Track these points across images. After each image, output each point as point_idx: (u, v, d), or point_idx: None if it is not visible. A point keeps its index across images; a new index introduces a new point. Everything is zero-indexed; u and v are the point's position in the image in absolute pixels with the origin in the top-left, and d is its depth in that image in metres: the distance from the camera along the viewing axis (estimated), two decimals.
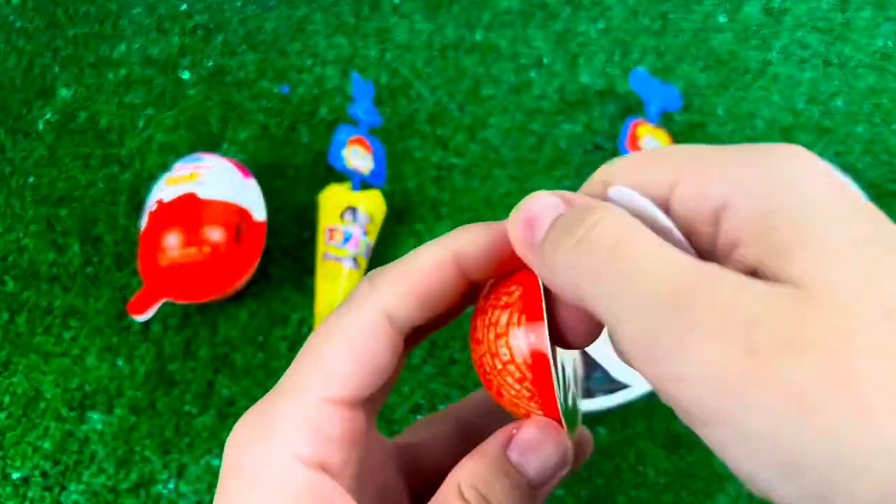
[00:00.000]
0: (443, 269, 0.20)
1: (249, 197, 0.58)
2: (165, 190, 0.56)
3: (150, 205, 0.56)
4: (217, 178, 0.57)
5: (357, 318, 0.20)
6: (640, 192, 0.18)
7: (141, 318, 0.55)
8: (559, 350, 0.21)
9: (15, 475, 0.54)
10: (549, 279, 0.18)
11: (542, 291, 0.19)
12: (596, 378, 0.52)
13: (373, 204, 0.59)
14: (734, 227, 0.16)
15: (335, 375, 0.19)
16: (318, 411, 0.19)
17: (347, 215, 0.58)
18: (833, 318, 0.13)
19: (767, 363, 0.13)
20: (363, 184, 0.59)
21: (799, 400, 0.13)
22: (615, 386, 0.52)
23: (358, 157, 0.60)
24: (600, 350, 0.51)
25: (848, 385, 0.13)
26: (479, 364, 0.21)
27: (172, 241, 0.54)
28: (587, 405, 0.52)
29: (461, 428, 0.25)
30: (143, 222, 0.56)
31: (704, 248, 0.17)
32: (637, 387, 0.52)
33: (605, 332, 0.18)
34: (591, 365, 0.52)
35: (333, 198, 0.59)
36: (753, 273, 0.15)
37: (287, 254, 0.61)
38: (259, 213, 0.58)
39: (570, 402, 0.22)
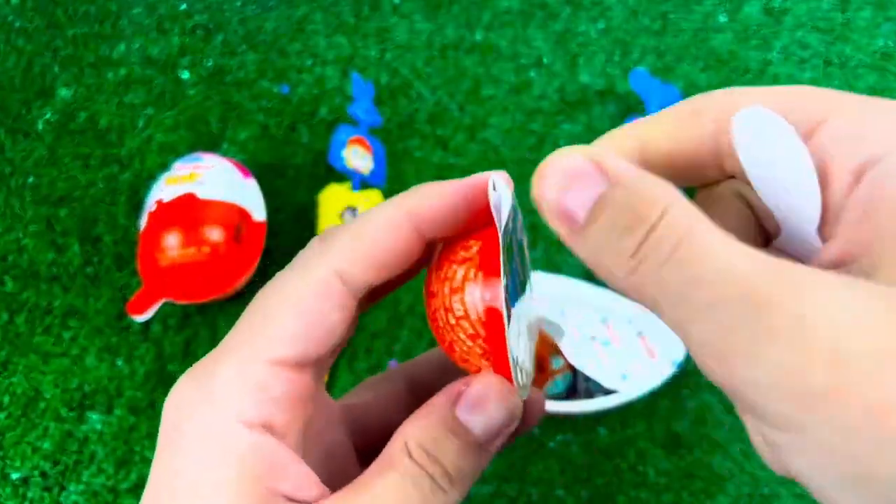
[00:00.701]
0: (398, 229, 0.20)
1: (249, 197, 0.58)
2: (165, 190, 0.56)
3: (150, 205, 0.56)
4: (217, 178, 0.57)
5: (306, 277, 0.19)
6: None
7: (141, 318, 0.55)
8: (519, 304, 0.20)
9: (14, 475, 0.54)
10: (595, 268, 0.16)
11: (500, 248, 0.19)
12: (594, 380, 0.52)
13: (373, 204, 0.59)
14: (866, 193, 0.14)
15: (282, 336, 0.18)
16: (263, 373, 0.18)
17: (347, 215, 0.58)
18: None
19: (850, 374, 0.12)
20: (363, 184, 0.59)
21: (880, 414, 0.12)
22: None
23: (358, 157, 0.60)
24: (587, 363, 0.50)
25: None
26: (432, 318, 0.20)
27: (172, 241, 0.54)
28: (587, 406, 0.52)
29: (412, 387, 0.25)
30: (143, 222, 0.56)
31: (833, 202, 0.15)
32: (629, 392, 0.52)
33: (592, 345, 0.18)
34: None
35: (333, 198, 0.59)
36: (847, 256, 0.14)
37: (287, 254, 0.61)
38: (259, 213, 0.58)
39: (523, 360, 0.21)
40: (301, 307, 0.19)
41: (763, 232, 0.18)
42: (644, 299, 0.15)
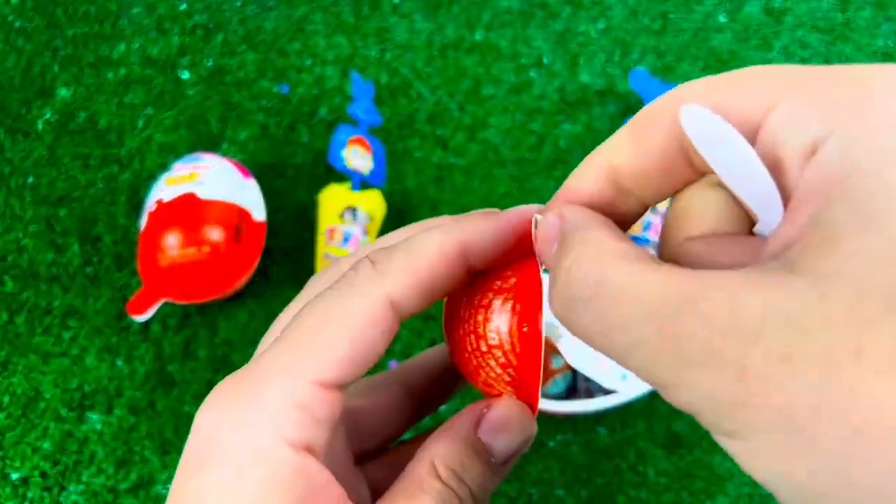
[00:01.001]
0: (449, 259, 0.19)
1: (249, 197, 0.58)
2: (165, 190, 0.56)
3: (150, 205, 0.56)
4: (217, 178, 0.57)
5: (361, 305, 0.19)
6: (724, 115, 0.15)
7: (140, 318, 0.55)
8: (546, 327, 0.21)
9: (14, 475, 0.54)
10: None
11: (541, 282, 0.19)
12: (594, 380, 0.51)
13: (373, 204, 0.59)
14: (809, 177, 0.14)
15: (331, 359, 0.18)
16: (309, 394, 0.18)
17: (347, 215, 0.58)
18: (843, 329, 0.12)
19: (756, 386, 0.12)
20: (363, 184, 0.59)
21: (788, 422, 0.12)
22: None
23: (358, 157, 0.60)
24: (586, 364, 0.50)
25: (844, 408, 0.12)
26: (458, 341, 0.21)
27: (172, 241, 0.54)
28: (587, 406, 0.52)
29: (409, 390, 0.25)
30: (143, 222, 0.56)
31: (790, 188, 0.15)
32: (628, 392, 0.52)
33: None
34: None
35: (333, 198, 0.59)
36: (789, 242, 0.13)
37: (287, 254, 0.61)
38: (259, 213, 0.58)
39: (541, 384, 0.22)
40: (354, 333, 0.19)
41: (749, 218, 0.18)
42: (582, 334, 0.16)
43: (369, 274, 0.19)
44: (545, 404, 0.50)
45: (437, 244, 0.19)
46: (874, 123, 0.13)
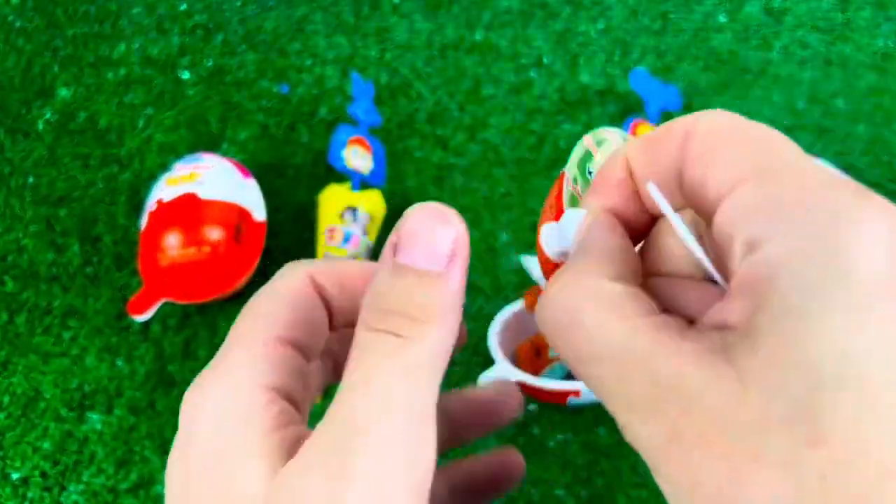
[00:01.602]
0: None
1: (249, 197, 0.58)
2: (165, 190, 0.56)
3: (150, 205, 0.56)
4: (217, 178, 0.57)
5: (285, 281, 0.21)
6: (696, 183, 0.17)
7: (140, 318, 0.55)
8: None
9: (14, 475, 0.54)
10: None
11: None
12: None
13: (373, 204, 0.59)
14: (745, 273, 0.15)
15: (277, 320, 0.20)
16: (273, 348, 0.19)
17: (347, 215, 0.58)
18: (751, 432, 0.13)
19: (678, 454, 0.14)
20: (363, 184, 0.59)
21: (696, 497, 0.14)
22: None
23: (358, 157, 0.60)
24: None
25: (736, 498, 0.13)
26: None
27: (172, 241, 0.54)
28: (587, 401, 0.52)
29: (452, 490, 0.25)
30: (143, 222, 0.56)
31: (734, 269, 0.16)
32: None
33: None
34: None
35: (333, 198, 0.59)
36: (726, 323, 0.15)
37: (287, 254, 0.61)
38: (259, 213, 0.58)
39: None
40: (285, 299, 0.20)
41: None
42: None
43: (287, 266, 0.22)
44: (547, 382, 0.50)
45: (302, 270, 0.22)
46: (814, 240, 0.14)
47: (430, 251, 0.18)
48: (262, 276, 0.59)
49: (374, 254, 0.60)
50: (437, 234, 0.18)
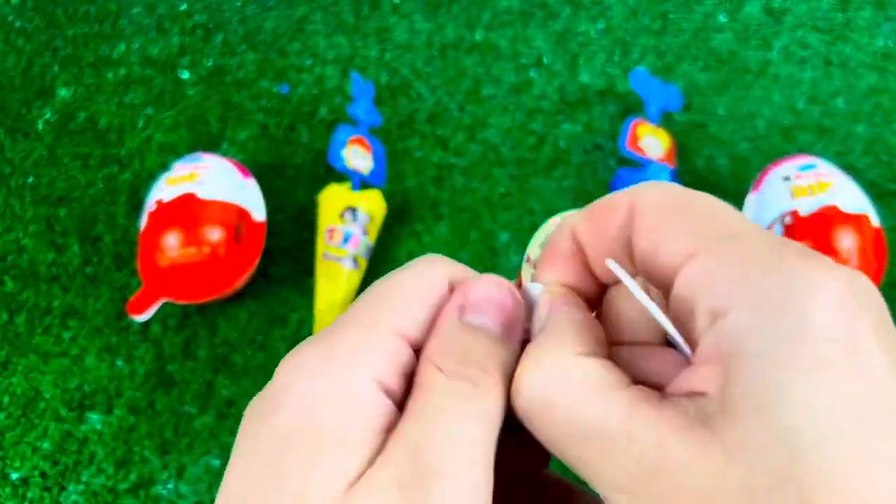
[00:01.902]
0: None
1: (249, 197, 0.58)
2: (165, 190, 0.56)
3: (150, 205, 0.56)
4: (216, 178, 0.57)
5: (425, 277, 0.20)
6: (652, 252, 0.17)
7: (140, 318, 0.55)
8: None
9: (14, 475, 0.54)
10: None
11: None
12: None
13: (373, 204, 0.59)
14: (710, 343, 0.16)
15: (405, 314, 0.19)
16: (400, 345, 0.18)
17: (347, 215, 0.58)
18: (737, 501, 0.14)
19: None
20: (363, 184, 0.59)
21: None
22: None
23: (358, 157, 0.60)
24: None
25: None
26: None
27: (172, 241, 0.54)
28: None
29: None
30: (143, 222, 0.56)
31: (697, 336, 0.17)
32: None
33: None
34: None
35: (333, 198, 0.59)
36: (695, 391, 0.15)
37: (287, 254, 0.61)
38: (259, 213, 0.58)
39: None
40: (424, 298, 0.19)
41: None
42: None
43: (428, 258, 0.21)
44: None
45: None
46: (775, 309, 0.15)
47: (502, 318, 0.19)
48: (262, 276, 0.59)
49: (375, 254, 0.60)
50: (507, 304, 0.20)
